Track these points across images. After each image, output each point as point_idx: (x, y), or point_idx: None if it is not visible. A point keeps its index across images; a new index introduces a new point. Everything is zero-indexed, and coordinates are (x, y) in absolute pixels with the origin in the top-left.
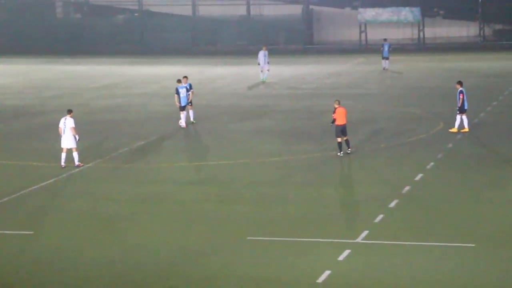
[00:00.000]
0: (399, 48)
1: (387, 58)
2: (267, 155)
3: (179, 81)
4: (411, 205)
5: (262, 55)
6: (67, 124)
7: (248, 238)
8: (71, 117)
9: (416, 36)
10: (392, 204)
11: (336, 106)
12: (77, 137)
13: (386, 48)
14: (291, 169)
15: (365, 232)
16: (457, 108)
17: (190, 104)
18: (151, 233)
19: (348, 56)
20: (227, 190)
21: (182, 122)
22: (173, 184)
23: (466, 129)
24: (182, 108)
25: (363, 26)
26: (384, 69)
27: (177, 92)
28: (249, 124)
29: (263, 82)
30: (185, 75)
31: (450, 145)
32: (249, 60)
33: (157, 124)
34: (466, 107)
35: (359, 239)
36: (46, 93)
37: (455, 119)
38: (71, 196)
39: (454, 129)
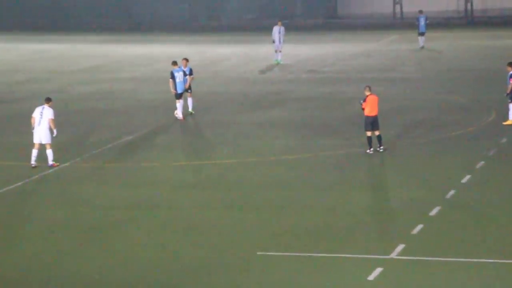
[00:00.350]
0: (441, 23)
1: (423, 34)
2: (280, 152)
3: (174, 63)
4: (456, 213)
5: (277, 31)
6: (44, 115)
7: (258, 253)
8: (49, 106)
9: (462, 8)
10: (434, 212)
11: (367, 93)
12: (55, 131)
13: (422, 21)
14: (309, 170)
15: (401, 246)
16: (506, 95)
17: (188, 91)
18: (141, 246)
19: (379, 33)
20: (232, 195)
21: (179, 113)
22: (168, 187)
23: None
24: (179, 96)
25: None
26: (421, 47)
27: (173, 77)
28: (259, 115)
29: (277, 64)
30: (184, 57)
31: (504, 139)
32: (259, 37)
33: (148, 115)
34: None
35: (393, 255)
36: (15, 77)
37: (508, 109)
38: (44, 202)
39: (509, 121)
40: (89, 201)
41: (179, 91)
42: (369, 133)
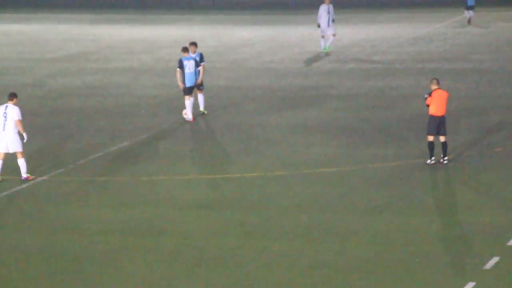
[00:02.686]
0: None
1: (471, 8)
2: (317, 164)
3: (185, 49)
4: None
5: (324, 11)
6: (8, 116)
7: None
8: (14, 104)
9: None
10: None
11: (434, 87)
12: (25, 135)
13: None
14: (354, 186)
15: (471, 285)
16: None
17: (200, 87)
18: (138, 282)
19: (443, 11)
20: (254, 218)
21: (188, 113)
22: (173, 207)
23: None
24: (188, 91)
25: None
26: (468, 22)
27: (181, 66)
28: (290, 117)
29: (326, 54)
30: (193, 41)
31: None
32: (290, 17)
33: (149, 116)
34: None
35: None
36: None
37: None
38: (16, 225)
39: None
40: (73, 224)
41: (189, 84)
42: (431, 138)
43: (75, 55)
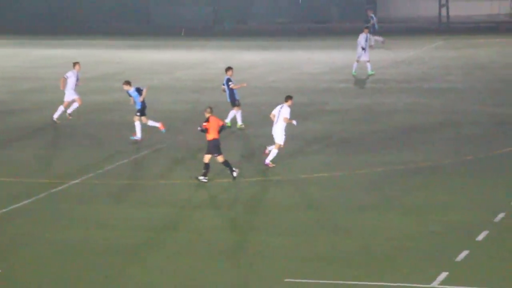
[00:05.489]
0: (492, 27)
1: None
2: (312, 170)
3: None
4: (506, 238)
5: (362, 38)
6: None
7: (286, 280)
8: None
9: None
10: (481, 237)
11: (208, 115)
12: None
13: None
14: (344, 189)
15: (444, 274)
16: None
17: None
18: (159, 271)
19: (422, 38)
20: (258, 216)
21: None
22: (188, 207)
23: None
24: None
25: None
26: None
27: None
28: (289, 129)
29: (354, 76)
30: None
31: None
32: (290, 43)
33: (168, 128)
34: None
35: (435, 283)
36: (22, 85)
37: None
38: (52, 222)
39: None
40: (102, 222)
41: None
42: (208, 159)
43: (103, 76)
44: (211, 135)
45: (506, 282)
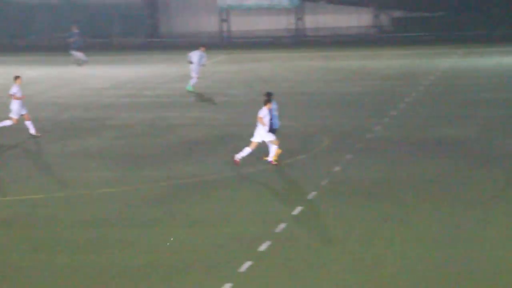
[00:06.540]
0: (272, 42)
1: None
2: (95, 185)
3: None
4: (288, 247)
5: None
6: None
7: None
8: None
9: (293, 27)
10: (263, 247)
11: None
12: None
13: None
14: (128, 204)
15: (227, 286)
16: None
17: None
18: None
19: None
20: (40, 234)
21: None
22: None
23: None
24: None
25: (225, 13)
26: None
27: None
28: (72, 144)
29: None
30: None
31: (337, 168)
32: (74, 58)
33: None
34: (276, 126)
35: None
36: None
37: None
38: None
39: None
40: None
41: None
42: None
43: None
44: None
45: None
